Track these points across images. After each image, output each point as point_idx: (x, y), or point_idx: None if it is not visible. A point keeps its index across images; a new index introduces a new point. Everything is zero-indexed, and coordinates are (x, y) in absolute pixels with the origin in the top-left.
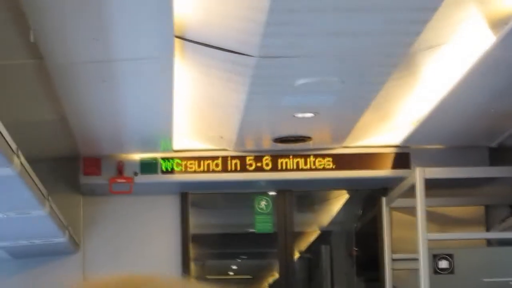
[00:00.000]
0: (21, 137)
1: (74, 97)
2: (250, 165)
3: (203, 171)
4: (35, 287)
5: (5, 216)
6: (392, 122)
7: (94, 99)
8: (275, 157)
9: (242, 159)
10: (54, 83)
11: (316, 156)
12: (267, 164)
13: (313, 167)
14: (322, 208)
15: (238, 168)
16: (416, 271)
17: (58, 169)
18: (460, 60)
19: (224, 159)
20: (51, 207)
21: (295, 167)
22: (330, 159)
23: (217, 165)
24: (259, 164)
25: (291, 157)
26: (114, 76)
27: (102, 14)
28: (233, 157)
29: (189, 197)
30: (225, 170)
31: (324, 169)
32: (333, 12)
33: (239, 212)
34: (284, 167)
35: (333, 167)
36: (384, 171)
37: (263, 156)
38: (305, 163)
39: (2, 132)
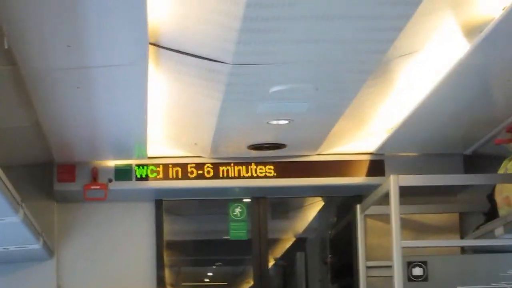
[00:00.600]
0: None
1: (48, 104)
2: (225, 172)
3: (178, 178)
4: None
5: None
6: (366, 129)
7: (68, 106)
8: (249, 164)
9: (216, 166)
10: (28, 89)
11: (290, 163)
12: (241, 171)
13: (287, 174)
14: (297, 215)
15: (213, 175)
16: (390, 278)
17: (32, 175)
18: (435, 67)
19: (199, 166)
20: (24, 213)
21: (269, 174)
22: (305, 166)
23: (191, 172)
24: (233, 171)
25: (265, 164)
26: (89, 82)
27: (76, 20)
28: (207, 164)
29: (163, 204)
30: (199, 177)
31: (298, 176)
32: (307, 19)
33: (214, 219)
34: (258, 174)
35: (308, 174)
36: (359, 178)
37: (237, 163)
38: (280, 170)
39: None
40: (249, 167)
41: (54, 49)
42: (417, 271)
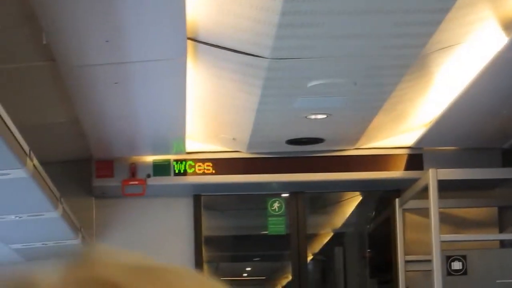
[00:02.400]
0: (33, 140)
1: (86, 99)
2: (263, 167)
3: (216, 173)
4: None
5: (17, 218)
6: (405, 124)
7: (106, 101)
8: (287, 159)
9: (254, 161)
10: (67, 85)
11: (328, 157)
12: (279, 166)
13: (325, 168)
14: (335, 209)
15: (251, 170)
16: (429, 272)
17: (70, 171)
18: (473, 61)
19: (237, 160)
20: (64, 209)
21: (307, 168)
22: (343, 160)
23: (229, 167)
24: (271, 166)
25: (303, 159)
26: (127, 78)
27: (115, 16)
28: (246, 159)
29: (202, 199)
30: (237, 172)
31: (336, 170)
32: (344, 14)
33: (252, 214)
34: (296, 169)
35: (346, 168)
36: (397, 173)
37: (275, 158)
38: (318, 165)
39: (15, 134)
40: (287, 162)
41: (92, 45)
42: (457, 265)
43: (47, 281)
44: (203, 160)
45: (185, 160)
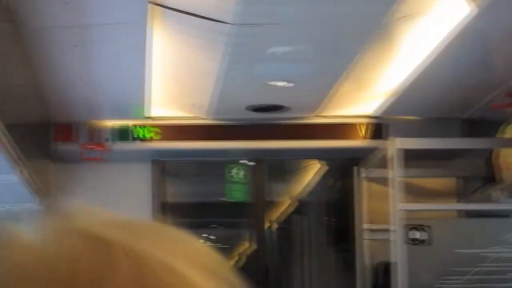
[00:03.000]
0: None
1: (46, 62)
2: (223, 133)
3: (176, 139)
4: None
5: None
6: (367, 92)
7: (66, 64)
8: (248, 126)
9: (214, 127)
10: (26, 47)
11: (289, 125)
12: (239, 133)
13: (286, 136)
14: (296, 177)
15: (211, 136)
16: (388, 241)
17: (29, 135)
18: (437, 31)
19: (197, 127)
20: (22, 171)
21: (268, 136)
22: (304, 128)
23: (189, 133)
24: (232, 133)
25: (264, 126)
26: (86, 40)
27: None
28: (206, 126)
29: (161, 165)
30: (197, 138)
31: (297, 138)
32: None
33: (212, 181)
34: (257, 136)
35: (307, 136)
36: (358, 142)
37: (236, 125)
38: (278, 132)
39: None
40: (248, 129)
41: (52, 6)
42: (416, 235)
43: (28, 232)
44: (163, 126)
45: (145, 125)
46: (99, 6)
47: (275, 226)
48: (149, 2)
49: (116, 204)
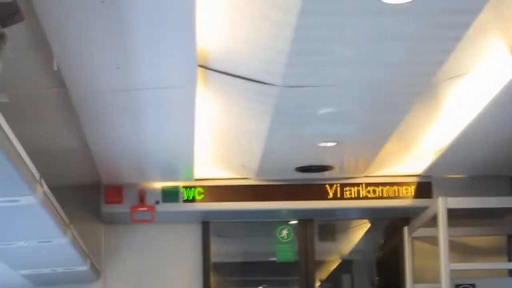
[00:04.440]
0: (43, 165)
1: (96, 126)
2: (272, 194)
3: (224, 200)
4: None
5: (27, 244)
6: (414, 152)
7: (116, 128)
8: (297, 186)
9: (264, 188)
10: (77, 111)
11: (338, 185)
12: (289, 193)
13: (335, 196)
14: (344, 236)
15: (260, 197)
16: None
17: (80, 197)
18: (483, 90)
19: (246, 187)
20: (73, 235)
21: (316, 196)
22: (352, 188)
23: (238, 194)
24: (281, 193)
25: (313, 186)
26: (137, 104)
27: (125, 43)
28: (255, 186)
29: (210, 226)
30: (246, 199)
31: (346, 198)
32: (355, 42)
33: (261, 241)
34: (305, 197)
35: (355, 196)
36: (406, 200)
37: (285, 185)
38: (327, 193)
39: (25, 160)
40: (296, 189)
41: (102, 71)
42: None
43: None
44: (212, 187)
45: (194, 187)
46: (149, 70)
47: (325, 285)
48: (198, 66)
49: (166, 265)
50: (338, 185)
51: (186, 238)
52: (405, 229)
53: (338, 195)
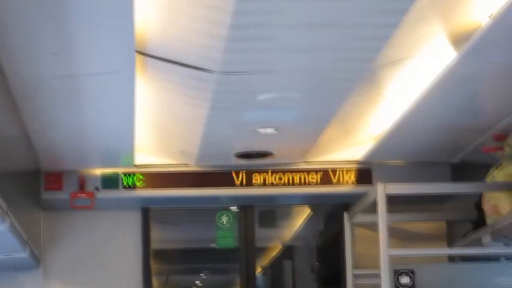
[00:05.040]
0: None
1: (35, 112)
2: (212, 180)
3: (164, 187)
4: None
5: None
6: (354, 138)
7: (55, 114)
8: (236, 173)
9: (203, 174)
10: (15, 97)
11: (277, 171)
12: (228, 180)
13: (274, 183)
14: (285, 223)
15: (199, 183)
16: (377, 286)
17: (18, 184)
18: (422, 75)
19: (186, 174)
20: (11, 222)
21: (257, 183)
22: (292, 174)
23: (178, 180)
24: (220, 180)
25: (252, 173)
26: (75, 91)
27: (63, 28)
28: (194, 173)
29: (150, 213)
30: (186, 185)
31: (285, 185)
32: (294, 27)
33: (201, 228)
34: (245, 183)
35: (295, 183)
36: (346, 187)
37: (224, 172)
38: (267, 179)
39: None
40: (236, 176)
41: (40, 58)
42: (405, 280)
43: None
44: (152, 174)
45: (134, 173)
46: (87, 56)
47: (265, 272)
48: (136, 52)
49: (106, 252)
50: (278, 171)
51: (126, 225)
52: (345, 215)
53: (278, 181)
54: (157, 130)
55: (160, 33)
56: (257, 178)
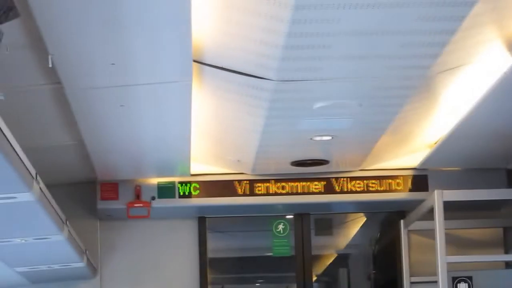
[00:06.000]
0: (39, 162)
1: (91, 122)
2: (268, 188)
3: (220, 195)
4: None
5: (23, 241)
6: (410, 145)
7: (111, 124)
8: (292, 181)
9: (259, 182)
10: (72, 107)
11: (333, 179)
12: (284, 188)
13: (330, 190)
14: (340, 231)
15: (255, 192)
16: None
17: (75, 194)
18: (478, 82)
19: (242, 183)
20: (69, 232)
21: (312, 190)
22: (348, 182)
23: (234, 189)
24: (276, 188)
25: (308, 180)
26: (132, 100)
27: (120, 38)
28: (250, 181)
29: (206, 221)
30: (242, 194)
31: (341, 192)
32: (350, 35)
33: (258, 236)
34: (301, 191)
35: (351, 190)
36: (402, 194)
37: (280, 180)
38: (323, 187)
39: (21, 157)
40: (292, 183)
41: (97, 67)
42: (463, 286)
43: None
44: (208, 182)
45: (190, 182)
46: (144, 66)
47: (320, 279)
48: (194, 61)
49: (162, 261)
50: (334, 179)
51: (182, 233)
52: (401, 222)
53: (334, 189)
54: (213, 139)
55: (217, 42)
56: (313, 186)
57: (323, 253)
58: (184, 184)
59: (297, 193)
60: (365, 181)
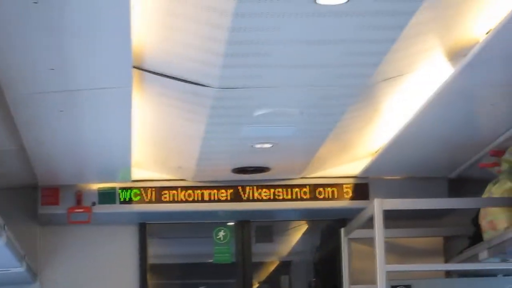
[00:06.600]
0: None
1: (32, 127)
2: (209, 195)
3: (161, 202)
4: None
5: None
6: (351, 153)
7: (52, 129)
8: (234, 188)
9: (200, 189)
10: (12, 112)
11: (274, 186)
12: (225, 195)
13: (271, 198)
14: (281, 238)
15: (197, 198)
16: None
17: (15, 198)
18: (419, 91)
19: (183, 189)
20: (7, 236)
21: (254, 197)
22: (289, 190)
23: (175, 195)
24: (217, 195)
25: (249, 187)
26: (73, 106)
27: (60, 44)
28: (191, 188)
29: (147, 227)
30: (183, 200)
31: (282, 200)
32: (291, 44)
33: (199, 242)
34: (242, 198)
35: (292, 198)
36: (343, 202)
37: (221, 187)
38: (264, 194)
39: None
40: (233, 190)
41: (37, 73)
42: None
43: None
44: (149, 188)
45: (131, 188)
46: (84, 72)
47: (263, 286)
48: (133, 67)
49: (103, 267)
50: (275, 186)
51: (123, 239)
52: (342, 230)
53: (275, 197)
54: (154, 145)
55: (158, 48)
56: (254, 193)
57: (265, 260)
58: (125, 190)
59: (238, 200)
60: (306, 189)
